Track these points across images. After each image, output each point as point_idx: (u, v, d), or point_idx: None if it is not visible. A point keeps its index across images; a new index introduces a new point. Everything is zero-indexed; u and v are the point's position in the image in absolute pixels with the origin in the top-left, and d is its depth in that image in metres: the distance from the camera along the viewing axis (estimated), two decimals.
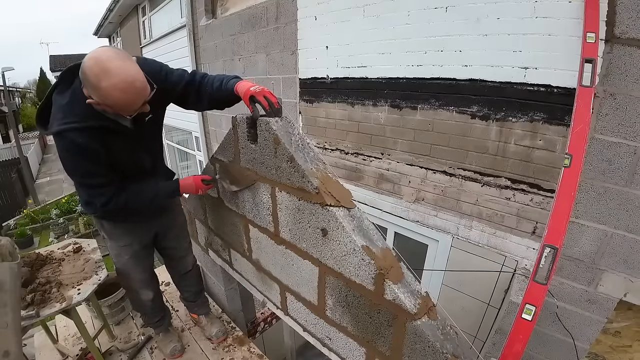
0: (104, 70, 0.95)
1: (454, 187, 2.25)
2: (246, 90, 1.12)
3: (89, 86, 0.99)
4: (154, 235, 1.59)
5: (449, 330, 0.92)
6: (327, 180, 1.04)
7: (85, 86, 1.01)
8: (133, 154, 1.26)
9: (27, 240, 7.21)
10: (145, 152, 1.32)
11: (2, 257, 1.07)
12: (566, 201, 1.48)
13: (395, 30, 2.30)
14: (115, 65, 0.96)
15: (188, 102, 1.31)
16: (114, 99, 0.98)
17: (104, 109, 1.04)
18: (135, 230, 1.48)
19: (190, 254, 1.82)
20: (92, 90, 0.99)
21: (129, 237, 1.47)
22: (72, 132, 1.05)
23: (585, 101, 1.52)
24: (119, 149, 1.18)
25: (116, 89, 0.96)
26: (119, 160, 1.20)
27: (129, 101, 1.01)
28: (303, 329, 1.36)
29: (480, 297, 2.29)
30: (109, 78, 0.95)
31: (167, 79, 1.23)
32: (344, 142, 2.90)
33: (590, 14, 1.50)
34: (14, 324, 1.07)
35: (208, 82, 1.25)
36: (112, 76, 0.95)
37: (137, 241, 1.50)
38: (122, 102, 1.00)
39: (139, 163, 1.31)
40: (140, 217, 1.43)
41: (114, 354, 1.80)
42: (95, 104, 1.02)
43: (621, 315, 1.77)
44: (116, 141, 1.16)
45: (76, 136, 1.05)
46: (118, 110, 1.04)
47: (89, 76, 0.96)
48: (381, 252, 0.96)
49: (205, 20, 4.42)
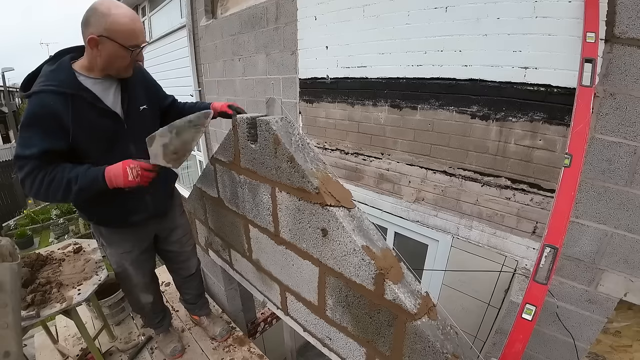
0: (114, 3, 1.08)
1: (454, 187, 2.25)
2: (223, 103, 1.39)
3: (98, 16, 1.05)
4: (153, 238, 1.56)
5: (449, 330, 0.92)
6: (327, 181, 1.04)
7: (90, 24, 1.06)
8: (115, 138, 1.21)
9: (27, 241, 7.23)
10: (132, 142, 1.26)
11: (3, 258, 1.07)
12: (566, 201, 1.48)
13: (395, 30, 2.30)
14: (120, 4, 1.11)
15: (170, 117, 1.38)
16: (122, 25, 1.07)
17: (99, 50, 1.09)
18: (133, 235, 1.44)
19: (193, 257, 1.79)
20: (100, 19, 1.05)
21: (128, 244, 1.44)
22: (45, 93, 1.07)
23: (585, 101, 1.52)
24: (94, 127, 1.14)
25: (125, 16, 1.08)
26: (92, 139, 1.14)
27: (135, 30, 1.10)
28: (303, 329, 1.36)
29: (481, 297, 2.29)
30: (118, 8, 1.08)
31: (156, 84, 1.44)
32: (344, 142, 2.90)
33: (590, 14, 1.50)
34: (15, 325, 1.07)
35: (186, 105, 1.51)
36: (121, 7, 1.09)
37: (137, 247, 1.47)
38: (129, 29, 1.08)
39: (122, 151, 1.22)
40: (136, 218, 1.37)
41: (114, 354, 1.80)
42: (94, 43, 1.07)
43: (621, 315, 1.77)
44: (92, 116, 1.12)
45: (47, 96, 1.06)
46: (121, 38, 1.07)
47: (99, 8, 1.05)
48: (381, 252, 0.96)
49: (205, 21, 4.42)
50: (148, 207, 1.39)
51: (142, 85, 1.32)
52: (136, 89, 1.27)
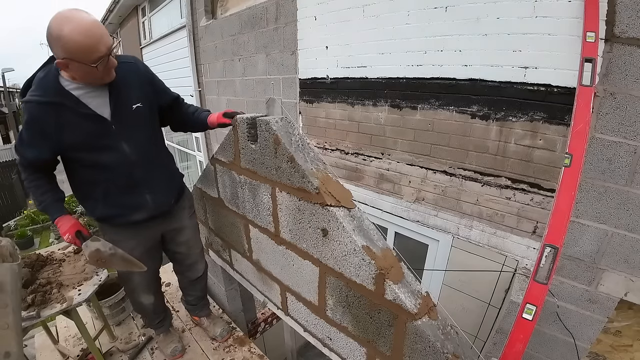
0: (65, 18, 1.01)
1: (454, 186, 2.25)
2: (219, 114, 1.37)
3: (54, 40, 1.01)
4: (159, 238, 1.54)
5: (449, 330, 0.92)
6: (328, 181, 1.04)
7: (52, 47, 1.04)
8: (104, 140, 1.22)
9: (28, 241, 7.22)
10: (125, 141, 1.26)
11: (3, 258, 1.07)
12: (566, 200, 1.48)
13: (395, 30, 2.30)
14: (74, 14, 1.03)
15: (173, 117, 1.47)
16: (75, 43, 1.01)
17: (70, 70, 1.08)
18: (137, 235, 1.43)
19: (201, 260, 1.76)
20: (57, 42, 1.01)
21: (132, 241, 1.42)
22: (31, 104, 1.11)
23: (586, 100, 1.52)
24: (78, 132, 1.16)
25: (77, 33, 1.01)
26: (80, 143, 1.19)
27: (91, 45, 1.03)
28: (304, 329, 1.36)
29: (481, 297, 2.29)
30: (69, 23, 1.01)
31: (155, 80, 1.37)
32: (344, 142, 2.90)
33: (590, 13, 1.50)
34: (15, 325, 1.07)
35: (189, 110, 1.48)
36: (73, 21, 1.01)
37: (141, 246, 1.45)
38: (85, 47, 1.02)
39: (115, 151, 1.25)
40: (137, 216, 1.37)
41: (114, 354, 1.80)
42: (63, 65, 1.06)
43: (622, 314, 1.77)
44: (76, 121, 1.15)
45: (32, 107, 1.11)
46: (81, 57, 1.03)
47: (52, 29, 1.01)
48: (381, 252, 0.96)
49: (205, 21, 4.43)
50: (148, 205, 1.37)
51: (136, 84, 1.29)
52: (128, 89, 1.25)
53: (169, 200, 1.47)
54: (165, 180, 1.44)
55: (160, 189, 1.40)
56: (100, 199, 1.30)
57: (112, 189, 1.29)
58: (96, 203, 1.32)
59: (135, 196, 1.33)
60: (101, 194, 1.29)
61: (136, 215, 1.37)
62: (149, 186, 1.35)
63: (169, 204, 1.48)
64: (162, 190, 1.42)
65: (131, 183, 1.31)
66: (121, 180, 1.28)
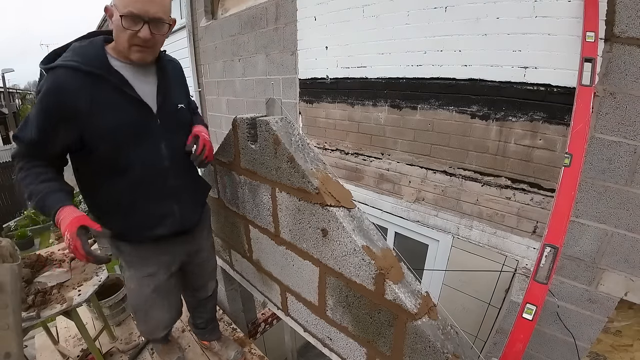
0: None
1: (454, 186, 2.25)
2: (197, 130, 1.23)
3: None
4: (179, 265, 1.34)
5: (449, 330, 0.92)
6: (327, 181, 1.04)
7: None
8: (144, 135, 1.06)
9: (28, 242, 7.21)
10: (165, 141, 1.10)
11: (3, 259, 1.07)
12: (566, 200, 1.48)
13: (394, 30, 2.30)
14: None
15: None
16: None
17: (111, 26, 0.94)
18: (160, 255, 1.23)
19: (212, 280, 1.60)
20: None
21: (153, 265, 1.23)
22: (63, 69, 0.92)
23: (585, 100, 1.52)
24: (118, 116, 0.99)
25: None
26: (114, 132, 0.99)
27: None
28: (304, 330, 1.36)
29: (481, 297, 2.29)
30: None
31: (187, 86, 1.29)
32: (344, 143, 2.90)
33: (589, 13, 1.50)
34: (15, 326, 1.07)
35: None
36: None
37: (164, 269, 1.25)
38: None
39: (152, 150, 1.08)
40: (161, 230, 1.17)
41: (114, 354, 1.80)
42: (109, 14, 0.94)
43: (622, 314, 1.77)
44: (117, 104, 0.98)
45: (64, 74, 0.92)
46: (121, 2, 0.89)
47: None
48: (381, 252, 0.96)
49: (205, 21, 4.43)
50: (175, 217, 1.19)
51: (180, 83, 1.21)
52: (174, 86, 1.14)
53: (197, 214, 1.32)
54: (194, 192, 1.30)
55: (188, 202, 1.25)
56: (122, 211, 1.11)
57: (139, 198, 1.10)
58: (117, 216, 1.11)
59: (163, 206, 1.17)
60: (126, 204, 1.10)
61: (160, 229, 1.17)
62: (178, 197, 1.19)
63: (196, 219, 1.31)
64: (191, 200, 1.27)
65: (162, 193, 1.14)
66: (152, 188, 1.11)
